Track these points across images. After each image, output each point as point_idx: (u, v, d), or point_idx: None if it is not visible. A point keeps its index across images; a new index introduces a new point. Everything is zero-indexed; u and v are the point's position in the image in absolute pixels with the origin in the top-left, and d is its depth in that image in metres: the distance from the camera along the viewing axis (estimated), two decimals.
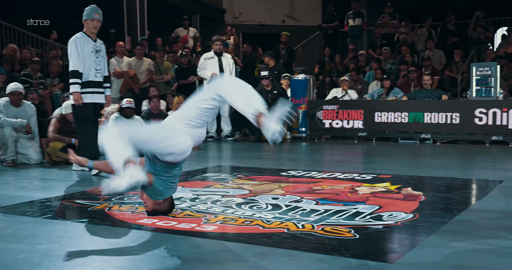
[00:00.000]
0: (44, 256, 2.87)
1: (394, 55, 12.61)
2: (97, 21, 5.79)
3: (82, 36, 5.81)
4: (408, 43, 12.66)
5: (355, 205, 4.10)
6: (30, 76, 9.46)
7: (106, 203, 4.27)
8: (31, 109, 7.29)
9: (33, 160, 7.06)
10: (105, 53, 6.13)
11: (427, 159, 7.66)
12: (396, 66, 11.88)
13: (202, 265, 2.69)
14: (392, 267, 2.63)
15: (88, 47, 5.77)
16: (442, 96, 9.86)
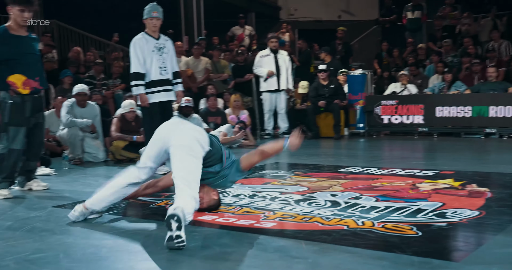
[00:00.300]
0: (110, 250, 2.95)
1: (455, 48, 12.24)
2: (156, 19, 5.75)
3: (143, 36, 5.81)
4: (471, 34, 12.26)
5: (416, 202, 4.01)
6: (93, 77, 9.77)
7: (167, 200, 4.35)
8: (95, 110, 7.56)
9: (98, 158, 7.30)
10: (171, 49, 6.02)
11: (493, 154, 7.41)
12: (458, 59, 11.53)
13: (261, 261, 2.70)
14: (457, 266, 2.55)
15: (149, 46, 5.74)
16: (509, 89, 9.49)
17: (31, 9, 4.65)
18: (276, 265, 2.65)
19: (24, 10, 4.60)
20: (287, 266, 2.63)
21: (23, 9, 4.59)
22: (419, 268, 2.52)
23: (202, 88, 10.28)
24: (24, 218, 3.86)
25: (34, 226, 3.60)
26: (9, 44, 4.65)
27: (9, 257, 2.88)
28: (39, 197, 4.76)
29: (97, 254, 2.89)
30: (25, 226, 3.60)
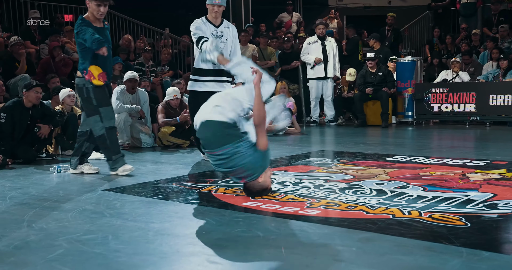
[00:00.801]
0: (157, 234, 3.02)
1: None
2: (217, 6, 5.54)
3: (202, 20, 5.62)
4: None
5: (466, 192, 3.93)
6: (143, 64, 9.96)
7: (212, 185, 4.41)
8: (144, 96, 7.71)
9: (145, 144, 7.46)
10: (232, 37, 5.72)
11: None
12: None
13: (304, 248, 2.71)
14: (508, 259, 2.49)
15: (207, 32, 5.50)
16: None
17: (107, 3, 4.98)
18: (319, 253, 2.65)
19: (100, 5, 4.94)
20: (331, 254, 2.63)
21: (100, 4, 4.93)
22: (467, 259, 2.48)
23: None
24: (76, 201, 3.99)
25: (85, 208, 3.71)
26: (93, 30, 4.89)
27: (62, 237, 2.98)
28: (90, 180, 4.91)
29: (144, 237, 2.96)
30: (76, 208, 3.72)
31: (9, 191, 4.43)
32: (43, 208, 3.76)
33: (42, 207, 3.77)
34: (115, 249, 2.75)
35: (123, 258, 2.62)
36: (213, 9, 5.53)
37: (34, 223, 3.32)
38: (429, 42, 13.25)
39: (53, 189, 4.50)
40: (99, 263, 2.56)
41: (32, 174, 5.34)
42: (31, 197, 4.14)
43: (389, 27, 12.59)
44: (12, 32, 10.31)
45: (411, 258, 2.53)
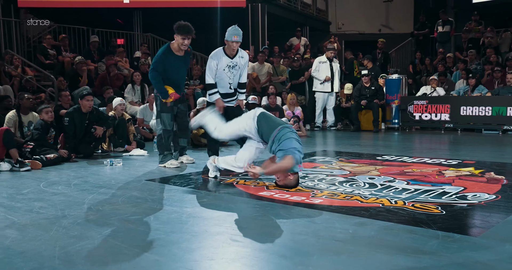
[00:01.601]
0: (189, 216, 3.03)
1: (479, 57, 11.68)
2: (236, 42, 5.20)
3: (220, 53, 5.25)
4: (493, 46, 11.67)
5: (442, 186, 3.88)
6: None
7: (234, 178, 4.40)
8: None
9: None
10: (243, 65, 5.38)
11: (509, 147, 7.04)
12: (481, 66, 11.00)
13: (309, 230, 2.69)
14: (475, 240, 2.46)
15: (222, 64, 5.25)
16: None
17: (190, 37, 5.05)
18: (322, 234, 2.64)
19: (185, 38, 5.02)
20: (331, 235, 2.61)
21: (184, 37, 5.01)
22: (443, 240, 2.45)
23: (264, 88, 10.30)
24: (125, 188, 4.01)
25: (132, 194, 3.74)
26: (167, 61, 5.06)
27: (114, 217, 3.00)
28: (136, 172, 4.93)
29: (179, 219, 2.97)
30: (125, 194, 3.74)
31: (73, 179, 4.48)
32: (99, 193, 3.79)
33: (98, 193, 3.81)
34: (156, 228, 2.77)
35: (162, 235, 2.63)
36: (231, 45, 5.19)
37: (92, 205, 3.35)
38: (412, 63, 13.12)
39: (107, 178, 4.54)
40: (143, 239, 2.57)
41: (91, 166, 5.38)
42: (89, 185, 4.17)
43: (380, 50, 12.48)
44: (76, 53, 10.44)
45: (397, 239, 2.51)
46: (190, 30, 4.97)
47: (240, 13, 13.25)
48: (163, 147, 5.27)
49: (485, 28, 12.38)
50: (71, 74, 9.11)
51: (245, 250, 2.40)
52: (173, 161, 5.23)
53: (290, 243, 2.46)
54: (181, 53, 5.14)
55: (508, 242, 2.42)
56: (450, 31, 12.87)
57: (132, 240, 2.54)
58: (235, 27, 5.21)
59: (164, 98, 5.11)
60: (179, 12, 12.73)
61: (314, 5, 16.36)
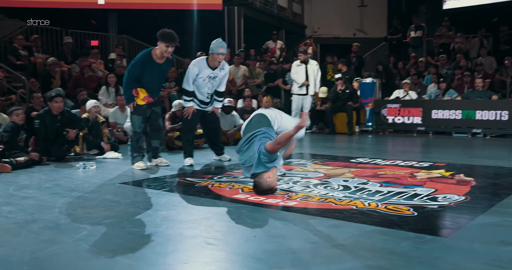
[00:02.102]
0: (164, 220, 2.99)
1: (450, 62, 11.96)
2: (222, 54, 5.18)
3: (203, 64, 5.27)
4: (463, 51, 11.97)
5: (414, 188, 3.95)
6: None
7: (209, 181, 4.38)
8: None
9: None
10: (223, 76, 5.43)
11: (478, 150, 7.22)
12: (451, 71, 11.26)
13: (285, 232, 2.70)
14: (445, 241, 2.51)
15: (203, 75, 5.26)
16: (492, 96, 9.25)
17: (174, 45, 4.97)
18: (297, 236, 2.64)
19: (169, 46, 4.94)
20: (306, 238, 2.62)
21: (168, 45, 4.92)
22: (414, 242, 2.48)
23: (240, 90, 10.30)
24: (98, 192, 3.95)
25: (105, 198, 3.68)
26: (144, 67, 4.99)
27: (86, 221, 2.95)
28: (109, 175, 4.86)
29: (153, 222, 2.93)
30: (98, 197, 3.68)
31: (44, 182, 4.38)
32: (71, 197, 3.72)
33: (70, 196, 3.73)
34: (129, 232, 2.73)
35: (135, 239, 2.59)
36: (217, 57, 5.17)
37: (64, 209, 3.28)
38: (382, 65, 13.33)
39: (80, 181, 4.46)
40: (116, 242, 2.53)
41: (63, 169, 5.28)
42: (61, 188, 4.09)
43: (354, 54, 12.63)
44: (49, 54, 10.23)
45: (370, 240, 2.54)
46: (174, 38, 4.93)
47: (217, 16, 13.23)
48: (134, 148, 5.28)
49: (455, 34, 12.69)
50: (44, 75, 8.92)
51: (219, 253, 2.39)
52: (139, 163, 5.20)
53: (265, 246, 2.46)
54: (162, 60, 5.06)
55: (477, 242, 2.48)
56: (422, 36, 13.13)
57: (104, 244, 2.50)
58: (220, 39, 5.26)
59: (127, 103, 5.11)
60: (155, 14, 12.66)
61: (290, 9, 16.48)
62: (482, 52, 11.51)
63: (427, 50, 13.55)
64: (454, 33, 12.81)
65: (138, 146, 5.27)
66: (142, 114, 5.18)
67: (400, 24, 14.04)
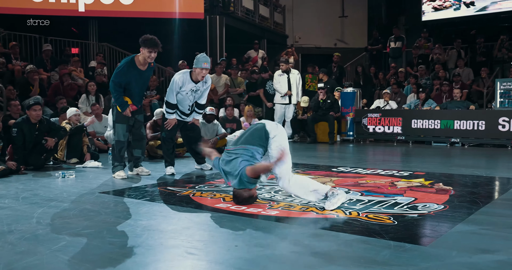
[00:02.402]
0: (144, 229, 2.96)
1: (428, 72, 12.19)
2: (206, 69, 5.21)
3: (186, 78, 5.28)
4: (441, 62, 12.23)
5: (394, 196, 3.99)
6: None
7: (190, 190, 4.36)
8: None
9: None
10: (206, 88, 5.47)
11: (456, 159, 7.35)
12: (430, 81, 11.48)
13: (267, 241, 2.70)
14: (425, 249, 2.54)
15: (186, 88, 5.29)
16: (470, 107, 9.47)
17: (156, 50, 4.95)
18: (278, 246, 2.65)
19: (151, 52, 4.91)
20: (287, 247, 2.62)
21: (151, 51, 4.91)
22: (395, 250, 2.51)
23: (222, 99, 10.30)
24: (77, 201, 3.89)
25: (84, 207, 3.63)
26: (128, 74, 4.97)
27: (65, 231, 2.90)
28: (89, 184, 4.80)
29: (133, 232, 2.90)
30: (77, 207, 3.63)
31: (21, 192, 4.30)
32: (49, 207, 3.65)
33: (48, 206, 3.67)
34: (109, 242, 2.69)
35: (115, 249, 2.56)
36: (201, 72, 5.19)
37: (41, 219, 3.22)
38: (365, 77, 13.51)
39: (58, 191, 4.38)
40: (96, 253, 2.50)
41: (41, 179, 5.19)
42: (39, 198, 4.02)
43: (335, 64, 12.78)
44: (28, 62, 10.10)
45: (351, 249, 2.55)
46: (156, 43, 4.92)
47: (198, 24, 13.25)
48: (115, 158, 5.24)
49: (433, 45, 12.96)
50: (22, 83, 8.78)
51: (200, 263, 2.38)
52: (120, 173, 5.17)
53: (246, 255, 2.45)
54: (144, 67, 5.06)
55: (455, 250, 2.51)
56: (401, 47, 13.39)
57: (83, 255, 2.46)
58: (204, 54, 5.30)
59: (123, 110, 5.05)
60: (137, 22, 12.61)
61: (272, 19, 16.61)
62: (460, 63, 11.80)
63: (406, 61, 13.81)
64: (433, 44, 13.09)
65: (120, 155, 5.22)
66: (126, 122, 5.15)
67: (380, 35, 14.28)
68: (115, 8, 12.26)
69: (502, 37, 11.83)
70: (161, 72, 12.26)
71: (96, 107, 8.31)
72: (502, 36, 11.85)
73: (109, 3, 12.20)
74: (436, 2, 14.17)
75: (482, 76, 11.20)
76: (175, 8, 12.58)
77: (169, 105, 5.38)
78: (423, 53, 13.04)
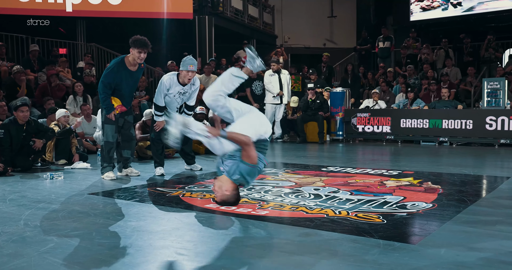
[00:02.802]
0: (133, 230, 2.95)
1: (417, 72, 12.29)
2: (192, 72, 5.16)
3: (173, 81, 5.24)
4: (429, 62, 12.33)
5: (383, 196, 4.02)
6: None
7: (180, 191, 4.35)
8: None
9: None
10: (194, 90, 5.43)
11: (444, 158, 7.41)
12: (418, 81, 11.57)
13: (256, 241, 2.70)
14: (414, 248, 2.56)
15: (173, 91, 5.25)
16: (458, 106, 9.57)
17: (146, 51, 4.91)
18: (268, 246, 2.65)
19: (141, 52, 4.87)
20: (277, 247, 2.63)
21: (141, 51, 4.86)
22: (384, 249, 2.53)
23: None
24: (65, 203, 3.86)
25: (73, 209, 3.60)
26: (118, 75, 4.92)
27: (53, 233, 2.88)
28: (78, 185, 4.76)
29: (123, 233, 2.89)
30: (66, 209, 3.60)
31: (8, 194, 4.25)
32: (37, 208, 3.62)
33: (36, 208, 3.64)
34: (98, 243, 2.68)
35: (104, 250, 2.54)
36: (187, 75, 5.13)
37: (29, 221, 3.19)
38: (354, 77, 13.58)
39: (46, 192, 4.35)
40: (85, 254, 2.48)
41: (29, 180, 5.14)
42: (27, 200, 3.98)
43: (324, 64, 12.84)
44: (15, 62, 10.00)
45: (341, 248, 2.56)
46: (146, 44, 4.89)
47: (187, 25, 13.23)
48: (104, 158, 5.20)
49: (421, 45, 13.06)
50: (8, 83, 8.69)
51: (190, 263, 2.37)
52: (109, 174, 5.12)
53: (237, 255, 2.45)
54: (134, 68, 5.03)
55: (444, 248, 2.54)
56: (390, 47, 13.48)
57: (72, 257, 2.44)
58: (190, 57, 5.25)
59: (108, 113, 5.01)
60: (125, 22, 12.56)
61: (261, 19, 16.63)
62: (448, 63, 11.90)
63: (395, 61, 13.90)
64: (421, 44, 13.19)
65: (108, 156, 5.18)
66: (115, 123, 5.12)
67: (369, 35, 14.37)
68: (103, 8, 12.19)
69: (489, 37, 11.97)
70: (150, 73, 12.22)
71: (87, 107, 8.27)
72: (489, 36, 11.99)
73: (97, 3, 12.13)
74: (424, 2, 14.29)
75: (470, 75, 11.31)
76: (163, 8, 12.54)
77: (157, 108, 5.35)
78: (411, 53, 13.14)
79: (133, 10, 12.43)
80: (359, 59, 14.57)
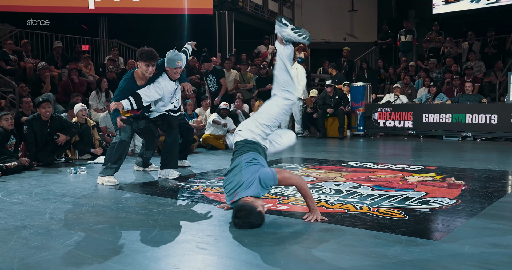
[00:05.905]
0: (155, 224, 2.98)
1: (439, 66, 12.07)
2: (179, 68, 4.91)
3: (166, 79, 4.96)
4: (452, 55, 12.09)
5: (405, 191, 3.97)
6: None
7: (201, 185, 4.37)
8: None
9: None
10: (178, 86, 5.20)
11: (468, 153, 7.27)
12: (441, 75, 11.37)
13: (277, 236, 2.70)
14: (437, 244, 2.52)
15: (168, 88, 4.96)
16: (482, 100, 9.35)
17: (154, 63, 4.66)
18: (288, 241, 2.64)
19: (149, 65, 4.59)
20: (298, 242, 2.62)
21: (148, 64, 4.58)
22: (406, 245, 2.49)
23: (231, 95, 10.30)
24: (89, 197, 3.92)
25: (96, 203, 3.65)
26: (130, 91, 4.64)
27: (77, 226, 2.93)
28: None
29: (145, 227, 2.92)
30: (89, 203, 3.66)
31: (34, 188, 4.34)
32: (62, 202, 3.69)
33: (61, 202, 3.70)
34: (120, 237, 2.71)
35: (127, 244, 2.57)
36: (176, 71, 4.89)
37: (54, 215, 3.25)
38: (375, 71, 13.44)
39: (70, 187, 4.42)
40: (107, 248, 2.51)
41: (54, 175, 5.24)
42: (52, 193, 4.06)
43: (345, 58, 12.72)
44: (39, 59, 10.18)
45: (362, 244, 2.54)
46: (153, 56, 4.59)
47: (207, 20, 13.25)
48: (110, 157, 4.69)
49: (444, 38, 12.82)
50: (33, 80, 8.86)
51: (211, 258, 2.38)
52: (111, 178, 4.60)
53: (257, 250, 2.45)
54: (144, 82, 4.75)
55: (468, 245, 2.49)
56: (412, 40, 13.25)
57: (95, 250, 2.48)
58: (176, 52, 4.92)
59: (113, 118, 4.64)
60: (146, 18, 12.65)
61: (281, 13, 16.53)
62: (471, 56, 11.66)
63: (417, 54, 13.68)
64: (444, 37, 12.94)
65: (118, 155, 4.68)
66: (130, 124, 4.81)
67: (390, 28, 14.16)
68: (125, 5, 12.29)
69: None
70: None
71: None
72: None
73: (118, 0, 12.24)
74: None
75: (495, 69, 11.06)
76: (184, 4, 12.58)
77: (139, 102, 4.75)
78: (434, 47, 12.91)
79: (153, 6, 12.50)
80: (380, 53, 14.39)
